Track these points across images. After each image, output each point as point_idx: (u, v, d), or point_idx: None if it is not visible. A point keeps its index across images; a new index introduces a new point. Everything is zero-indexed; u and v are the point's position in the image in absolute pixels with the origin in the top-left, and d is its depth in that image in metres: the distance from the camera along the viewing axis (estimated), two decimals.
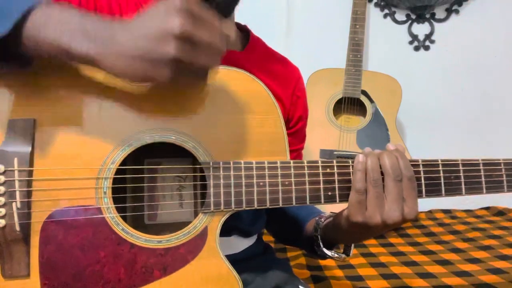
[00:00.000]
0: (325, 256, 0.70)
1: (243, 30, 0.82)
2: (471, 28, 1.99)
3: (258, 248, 0.81)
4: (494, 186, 0.63)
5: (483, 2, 1.97)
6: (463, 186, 0.61)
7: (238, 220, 0.71)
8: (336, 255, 0.69)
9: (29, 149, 0.51)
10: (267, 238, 0.94)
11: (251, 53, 0.78)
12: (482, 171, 0.62)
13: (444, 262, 1.26)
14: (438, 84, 2.03)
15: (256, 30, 0.84)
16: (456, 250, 1.37)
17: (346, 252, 0.68)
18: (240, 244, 0.75)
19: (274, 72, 0.79)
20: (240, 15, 0.85)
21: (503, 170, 0.63)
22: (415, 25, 2.03)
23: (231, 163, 0.56)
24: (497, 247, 1.37)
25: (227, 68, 0.59)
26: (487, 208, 1.88)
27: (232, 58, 0.74)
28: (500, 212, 1.79)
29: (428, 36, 2.02)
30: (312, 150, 1.66)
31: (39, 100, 0.52)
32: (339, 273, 1.20)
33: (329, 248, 0.70)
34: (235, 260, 0.59)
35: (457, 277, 1.13)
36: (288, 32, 2.05)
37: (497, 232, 1.54)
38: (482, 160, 0.62)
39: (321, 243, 0.69)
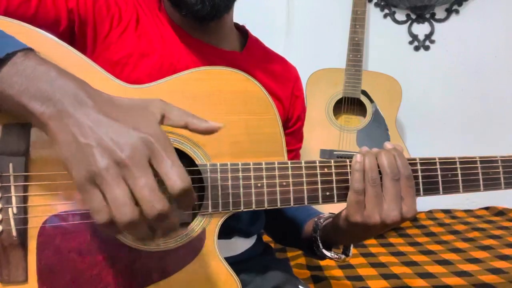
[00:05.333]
0: (324, 257, 0.70)
1: (241, 30, 0.82)
2: (471, 28, 1.98)
3: (258, 248, 0.81)
4: (492, 184, 0.62)
5: (483, 2, 1.97)
6: (460, 183, 0.61)
7: (238, 221, 0.71)
8: (335, 255, 0.69)
9: (25, 153, 0.50)
10: (267, 238, 0.94)
11: (250, 53, 0.78)
12: (479, 168, 0.62)
13: (444, 262, 1.26)
14: (438, 84, 2.02)
15: (256, 30, 0.84)
16: (456, 250, 1.37)
17: (345, 252, 0.68)
18: (240, 245, 0.75)
19: (273, 72, 0.80)
20: (240, 15, 0.85)
21: (500, 167, 0.63)
22: (415, 25, 2.03)
23: (229, 165, 0.56)
24: (497, 247, 1.37)
25: (224, 68, 0.59)
26: (487, 208, 1.87)
27: (232, 58, 0.74)
28: (500, 212, 1.79)
29: (428, 36, 2.02)
30: (312, 150, 1.66)
31: None
32: (339, 273, 1.19)
33: (328, 249, 0.70)
34: (235, 262, 0.59)
35: (457, 277, 1.13)
36: (288, 32, 2.05)
37: (497, 232, 1.54)
38: (479, 157, 0.62)
39: (320, 244, 0.69)
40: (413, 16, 2.03)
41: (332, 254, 0.69)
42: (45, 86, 0.42)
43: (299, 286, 0.73)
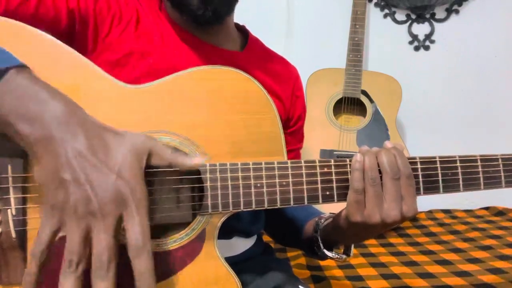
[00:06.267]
0: (325, 257, 0.70)
1: (242, 30, 0.82)
2: (471, 28, 1.98)
3: (258, 248, 0.81)
4: (492, 182, 0.62)
5: (483, 2, 1.97)
6: (460, 182, 0.61)
7: (238, 220, 0.71)
8: (336, 255, 0.68)
9: (23, 155, 0.50)
10: (267, 238, 0.94)
11: (250, 53, 0.78)
12: (479, 167, 0.62)
13: (444, 262, 1.26)
14: (438, 84, 2.02)
15: (256, 30, 0.84)
16: (456, 250, 1.37)
17: (346, 252, 0.68)
18: (240, 245, 0.75)
19: (274, 72, 0.80)
20: (241, 15, 0.85)
21: (500, 165, 0.63)
22: (415, 25, 2.03)
23: (228, 165, 0.55)
24: (497, 247, 1.37)
25: (224, 68, 0.59)
26: (487, 208, 1.87)
27: (232, 58, 0.74)
28: (500, 212, 1.79)
29: (428, 36, 2.02)
30: (312, 150, 1.66)
31: None
32: (339, 273, 1.19)
33: (329, 249, 0.69)
34: (236, 262, 0.59)
35: (457, 277, 1.13)
36: (288, 32, 2.05)
37: (497, 232, 1.53)
38: (480, 156, 0.62)
39: (321, 244, 0.69)
40: (413, 16, 2.03)
41: (333, 254, 0.69)
42: (35, 107, 0.41)
43: (299, 286, 0.73)
